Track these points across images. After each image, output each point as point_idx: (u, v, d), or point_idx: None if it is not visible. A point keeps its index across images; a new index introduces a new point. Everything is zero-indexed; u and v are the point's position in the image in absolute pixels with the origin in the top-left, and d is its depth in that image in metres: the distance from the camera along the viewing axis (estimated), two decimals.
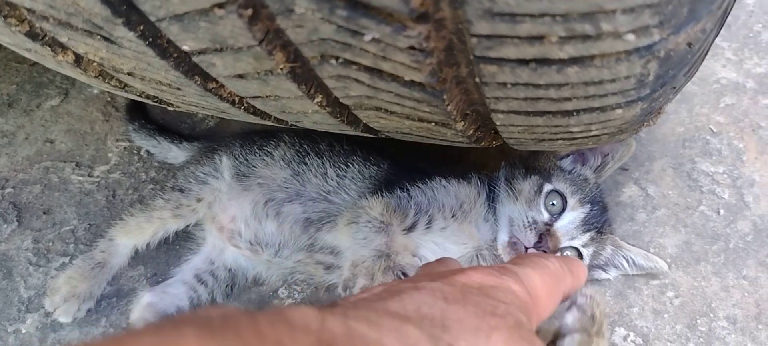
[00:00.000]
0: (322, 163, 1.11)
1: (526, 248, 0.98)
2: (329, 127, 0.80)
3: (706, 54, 0.71)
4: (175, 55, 0.60)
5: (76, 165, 1.31)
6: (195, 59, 0.59)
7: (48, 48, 0.66)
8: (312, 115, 0.72)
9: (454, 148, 0.92)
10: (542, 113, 0.61)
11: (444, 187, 1.03)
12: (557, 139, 0.72)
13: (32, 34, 0.64)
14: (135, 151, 1.31)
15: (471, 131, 0.72)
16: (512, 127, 0.66)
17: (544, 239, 0.97)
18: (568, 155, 1.11)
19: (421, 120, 0.67)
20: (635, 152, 1.26)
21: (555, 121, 0.63)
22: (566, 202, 1.01)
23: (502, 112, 0.61)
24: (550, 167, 1.08)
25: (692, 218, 1.18)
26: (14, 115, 1.42)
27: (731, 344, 1.03)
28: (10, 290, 1.13)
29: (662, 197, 1.21)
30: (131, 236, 1.12)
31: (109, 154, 1.32)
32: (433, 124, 0.68)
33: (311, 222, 1.07)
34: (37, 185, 1.28)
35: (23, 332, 1.07)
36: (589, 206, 1.03)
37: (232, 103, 0.73)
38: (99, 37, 0.59)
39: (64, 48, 0.66)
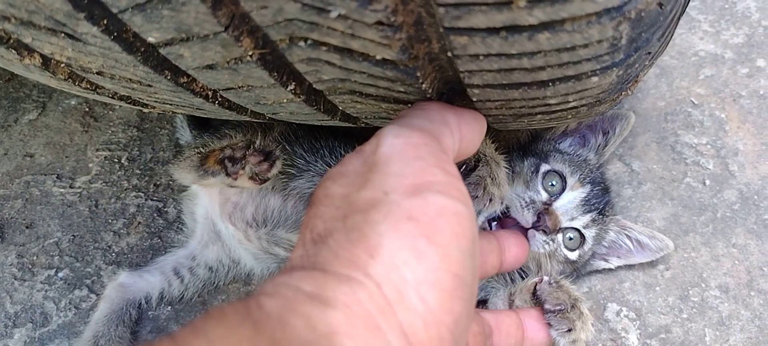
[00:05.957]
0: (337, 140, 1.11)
1: (526, 229, 0.96)
2: (306, 118, 0.79)
3: (679, 16, 0.71)
4: (142, 48, 0.59)
5: (56, 177, 1.29)
6: (162, 51, 0.58)
7: (14, 51, 0.65)
8: (287, 104, 0.71)
9: None
10: (518, 86, 0.60)
11: None
12: (536, 114, 0.72)
13: None
14: (116, 160, 1.30)
15: None
16: (489, 102, 0.66)
17: (543, 218, 0.95)
18: (566, 137, 1.10)
19: (397, 102, 0.66)
20: None
21: (531, 93, 0.62)
22: (565, 181, 1.00)
23: (478, 86, 0.60)
24: (547, 150, 1.07)
25: (678, 190, 1.18)
26: None
27: (724, 313, 1.03)
28: None
29: (647, 172, 1.21)
30: None
31: (90, 165, 1.30)
32: (410, 106, 0.67)
33: None
34: (18, 199, 1.26)
35: None
36: (589, 186, 1.02)
37: (206, 97, 0.72)
38: (63, 34, 0.57)
39: (30, 50, 0.65)
